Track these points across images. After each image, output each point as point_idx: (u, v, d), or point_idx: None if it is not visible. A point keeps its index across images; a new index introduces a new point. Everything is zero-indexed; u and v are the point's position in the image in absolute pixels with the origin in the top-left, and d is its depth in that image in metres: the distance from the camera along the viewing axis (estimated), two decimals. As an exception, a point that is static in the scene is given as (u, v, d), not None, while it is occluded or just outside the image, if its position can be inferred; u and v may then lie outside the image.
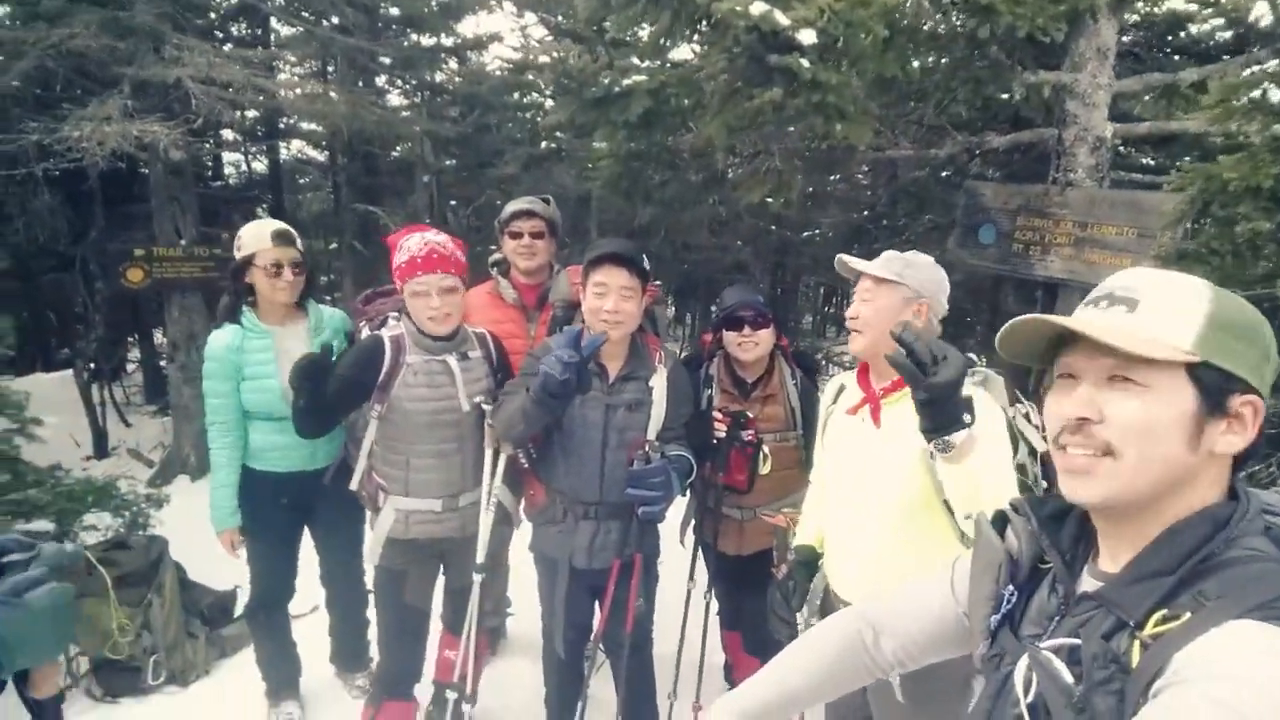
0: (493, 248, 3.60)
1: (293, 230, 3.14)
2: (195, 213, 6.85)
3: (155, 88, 5.92)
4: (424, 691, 3.31)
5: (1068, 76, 3.33)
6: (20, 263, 7.86)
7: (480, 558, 2.88)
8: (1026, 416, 2.20)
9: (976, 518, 1.24)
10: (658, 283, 2.91)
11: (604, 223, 7.74)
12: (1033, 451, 2.16)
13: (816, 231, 9.01)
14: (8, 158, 5.78)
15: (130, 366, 10.63)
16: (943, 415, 1.61)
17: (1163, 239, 2.99)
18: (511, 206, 3.52)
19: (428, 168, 8.15)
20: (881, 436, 2.13)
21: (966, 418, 1.59)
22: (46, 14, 5.91)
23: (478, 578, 2.91)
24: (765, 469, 2.78)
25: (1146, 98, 3.84)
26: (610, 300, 2.56)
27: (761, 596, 2.97)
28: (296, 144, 10.70)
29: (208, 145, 8.24)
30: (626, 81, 2.97)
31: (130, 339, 10.63)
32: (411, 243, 2.66)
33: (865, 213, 5.67)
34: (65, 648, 2.05)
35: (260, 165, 11.44)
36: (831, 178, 8.43)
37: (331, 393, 2.68)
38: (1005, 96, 3.84)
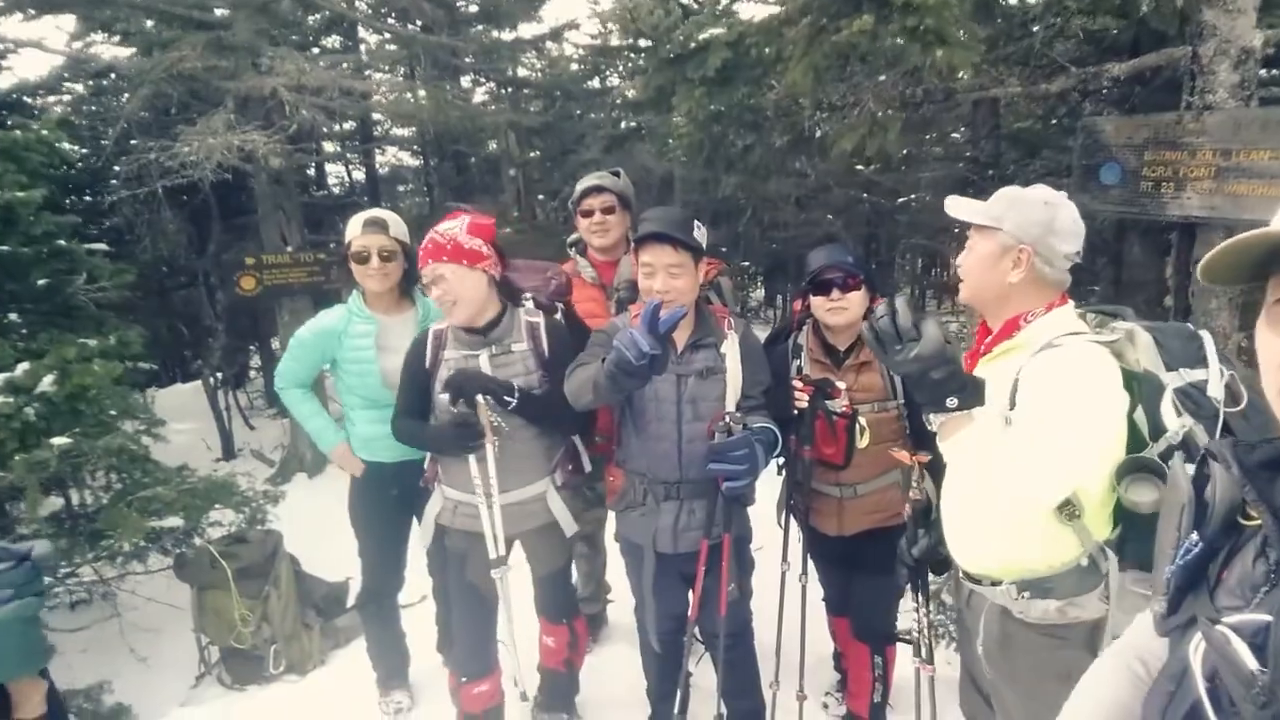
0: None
1: (388, 217, 3.17)
2: (299, 219, 7.15)
3: (255, 101, 6.20)
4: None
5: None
6: (151, 279, 8.47)
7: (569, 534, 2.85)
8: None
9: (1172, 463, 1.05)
10: (723, 249, 2.73)
11: (687, 203, 7.58)
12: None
13: (913, 197, 8.49)
14: (133, 179, 6.20)
15: (252, 373, 11.27)
16: (921, 393, 1.58)
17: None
18: (581, 184, 3.47)
19: (513, 160, 8.21)
20: None
21: (951, 401, 1.55)
22: (161, 43, 6.31)
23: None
24: (863, 442, 2.56)
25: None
26: (658, 279, 2.47)
27: (871, 579, 2.77)
28: (391, 151, 11.10)
29: (308, 155, 8.57)
30: (703, 35, 2.81)
31: (251, 346, 11.33)
32: (437, 230, 2.60)
33: (964, 164, 5.19)
34: (35, 665, 1.99)
35: (360, 174, 11.94)
36: (927, 137, 7.91)
37: (401, 385, 2.75)
38: (1122, 19, 3.42)
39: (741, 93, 2.93)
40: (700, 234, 2.56)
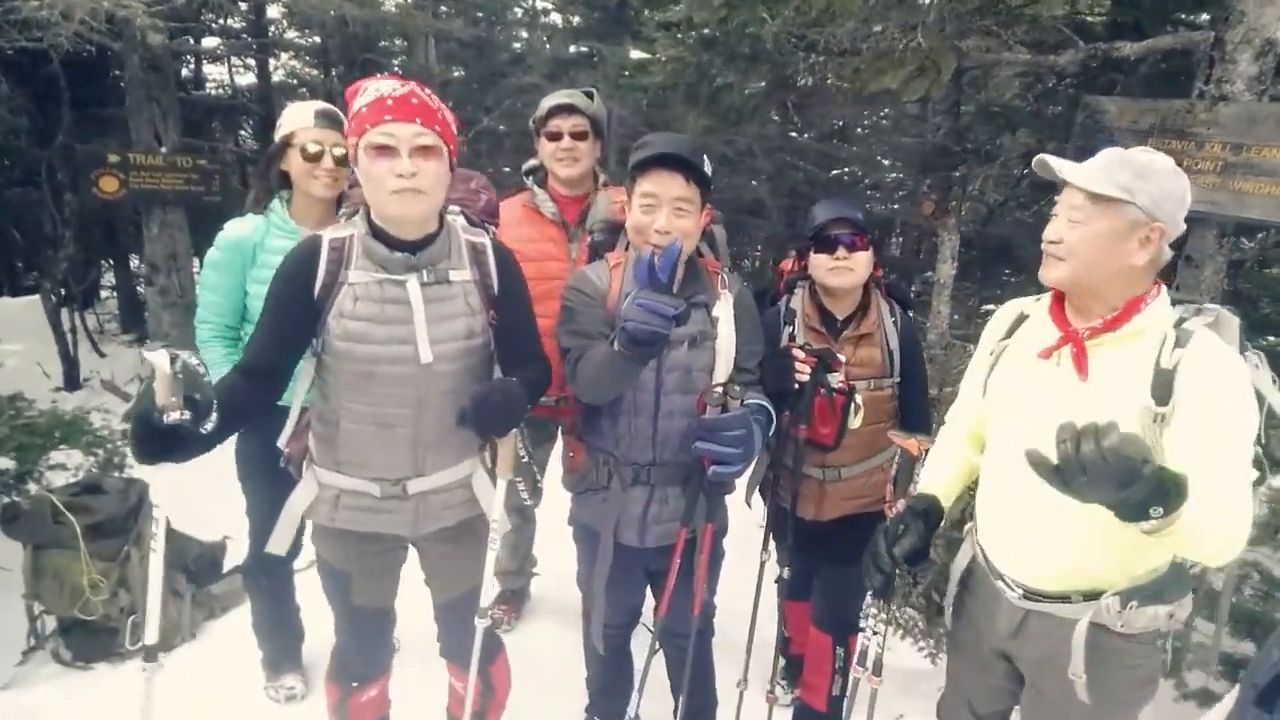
0: (507, 169, 3.04)
1: (339, 113, 2.58)
2: (177, 116, 6.14)
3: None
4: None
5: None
6: (-22, 171, 7.13)
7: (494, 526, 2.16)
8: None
9: None
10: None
11: (624, 148, 7.10)
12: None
13: (845, 170, 8.38)
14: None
15: (104, 292, 9.91)
16: (1121, 513, 1.35)
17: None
18: (548, 101, 2.98)
19: (432, 77, 7.41)
20: (1089, 390, 1.66)
21: (1156, 511, 1.32)
22: None
23: (480, 624, 2.21)
24: (856, 422, 2.35)
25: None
26: (661, 216, 2.05)
27: (842, 567, 2.55)
28: (285, 58, 9.86)
29: (192, 41, 7.40)
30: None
31: (105, 261, 9.93)
32: (382, 85, 1.80)
33: (913, 138, 5.02)
34: None
35: (246, 79, 10.60)
36: (883, 112, 7.71)
37: (258, 325, 1.94)
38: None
39: (756, 11, 2.55)
40: (708, 168, 2.16)
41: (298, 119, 2.57)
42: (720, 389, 2.13)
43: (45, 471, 3.70)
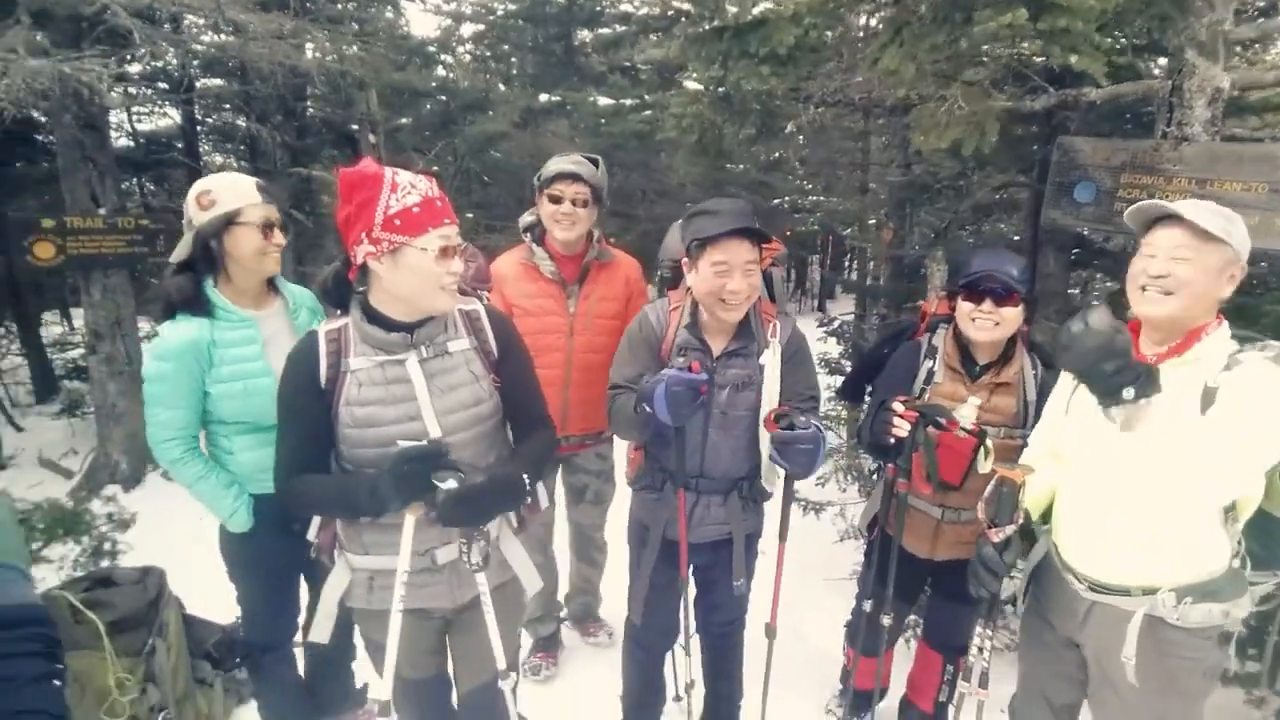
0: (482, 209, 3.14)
1: (267, 184, 2.56)
2: (115, 176, 5.80)
3: (61, 19, 4.87)
4: None
5: (1199, 20, 3.14)
6: None
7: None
8: None
9: None
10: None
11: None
12: None
13: (785, 200, 8.75)
14: None
15: (15, 359, 9.09)
16: (1095, 387, 1.65)
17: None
18: (554, 166, 3.10)
19: (373, 123, 7.28)
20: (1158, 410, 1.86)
21: (1127, 392, 1.60)
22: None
23: (506, 684, 2.18)
24: (985, 466, 2.32)
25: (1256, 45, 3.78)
26: (735, 280, 2.25)
27: (956, 605, 2.65)
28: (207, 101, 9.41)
29: (130, 97, 7.00)
30: (756, 10, 2.54)
31: (3, 325, 9.14)
32: (417, 180, 1.84)
33: (902, 173, 5.30)
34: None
35: (152, 126, 10.03)
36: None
37: (282, 435, 1.96)
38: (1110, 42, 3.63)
39: (802, 73, 2.71)
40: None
41: (239, 194, 2.39)
42: (789, 408, 2.32)
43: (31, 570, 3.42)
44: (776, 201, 8.52)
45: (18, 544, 0.82)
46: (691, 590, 2.70)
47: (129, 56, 4.49)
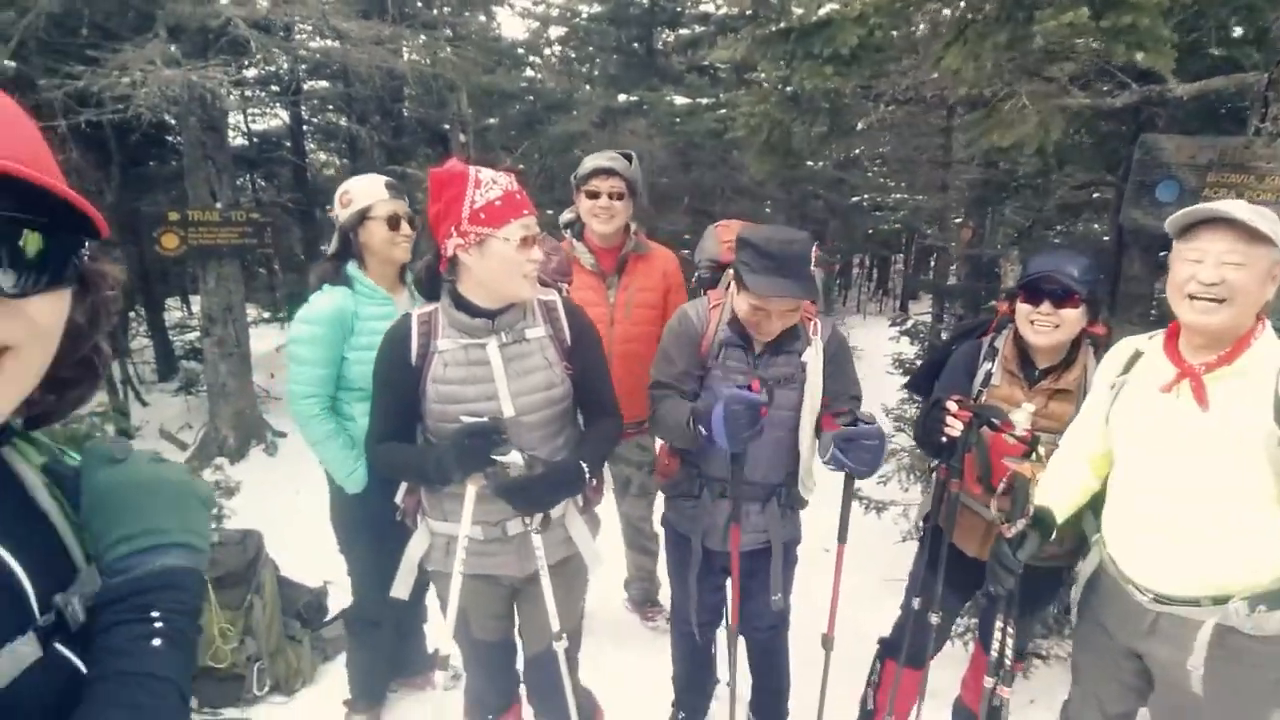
0: (552, 209, 3.29)
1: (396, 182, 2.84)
2: (231, 173, 6.32)
3: (190, 31, 5.36)
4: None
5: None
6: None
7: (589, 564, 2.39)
8: None
9: None
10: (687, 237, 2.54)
11: (657, 184, 7.33)
12: None
13: (865, 196, 8.63)
14: (31, 109, 5.21)
15: (143, 340, 9.97)
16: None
17: None
18: (590, 162, 3.25)
19: (464, 124, 7.63)
20: (1213, 419, 1.84)
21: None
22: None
23: (559, 646, 2.32)
24: (1028, 473, 2.21)
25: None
26: (770, 323, 2.29)
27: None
28: (313, 104, 10.06)
29: (248, 100, 7.60)
30: (823, 10, 2.60)
31: (133, 311, 10.03)
32: (498, 176, 2.00)
33: (948, 167, 5.24)
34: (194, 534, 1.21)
35: (265, 126, 10.79)
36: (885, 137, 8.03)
37: (376, 405, 2.19)
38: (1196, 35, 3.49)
39: (866, 74, 2.76)
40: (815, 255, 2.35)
41: (370, 192, 2.68)
42: (849, 408, 2.36)
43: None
44: (856, 199, 8.43)
45: (179, 522, 0.85)
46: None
47: (246, 63, 4.86)
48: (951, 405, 2.33)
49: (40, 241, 0.68)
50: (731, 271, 2.41)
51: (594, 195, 3.19)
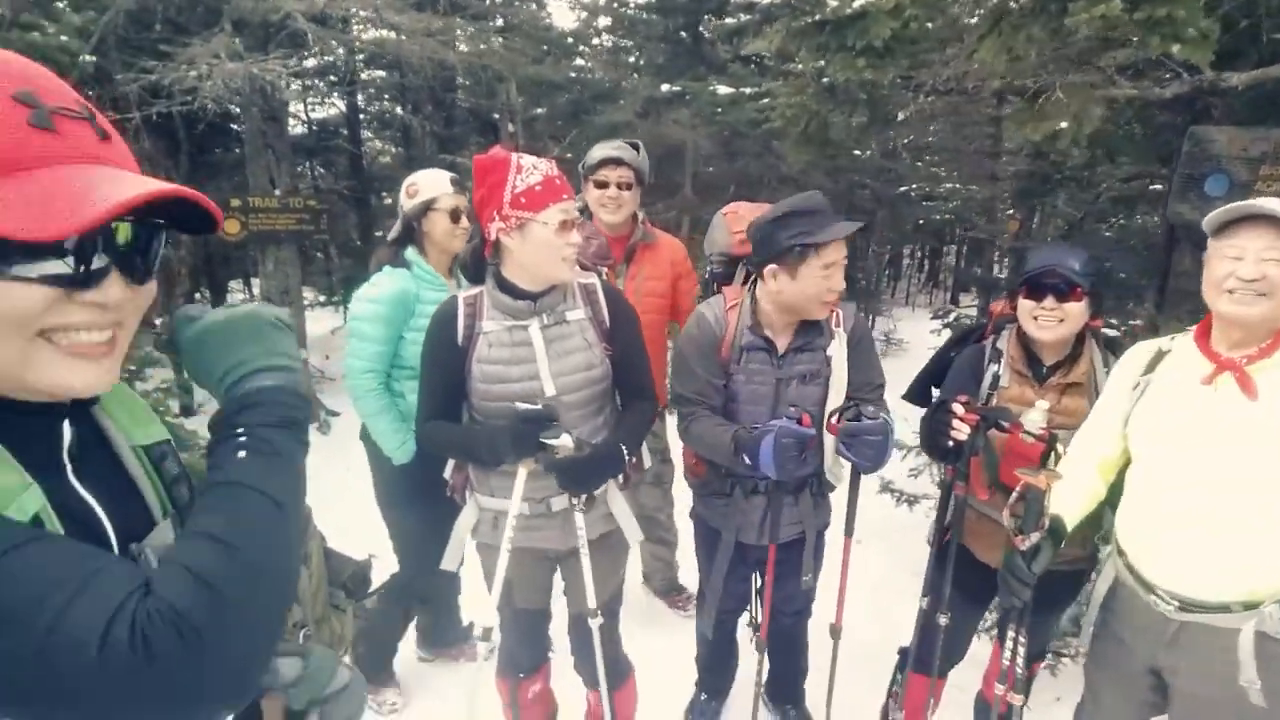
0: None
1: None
2: (290, 161, 6.58)
3: (252, 25, 5.60)
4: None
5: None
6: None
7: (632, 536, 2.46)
8: None
9: None
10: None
11: (699, 174, 7.34)
12: None
13: (913, 186, 8.49)
14: (109, 101, 5.54)
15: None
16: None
17: None
18: (598, 152, 3.30)
19: (513, 114, 7.77)
20: (1261, 408, 1.80)
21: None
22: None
23: (594, 623, 2.41)
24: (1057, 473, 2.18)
25: None
26: (836, 277, 2.25)
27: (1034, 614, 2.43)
28: (368, 94, 10.35)
29: (308, 91, 7.88)
30: (857, 2, 2.60)
31: (197, 293, 10.52)
32: (539, 162, 2.07)
33: (1027, 162, 5.09)
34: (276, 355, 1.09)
35: (321, 114, 11.13)
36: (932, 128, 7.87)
37: (425, 384, 2.29)
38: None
39: (901, 65, 2.76)
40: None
41: (436, 186, 2.85)
42: (853, 401, 2.34)
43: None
44: (903, 189, 8.30)
45: (259, 349, 0.96)
46: (755, 580, 2.78)
47: (305, 55, 5.06)
48: (958, 407, 2.27)
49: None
50: (773, 268, 2.31)
51: (602, 185, 3.24)
